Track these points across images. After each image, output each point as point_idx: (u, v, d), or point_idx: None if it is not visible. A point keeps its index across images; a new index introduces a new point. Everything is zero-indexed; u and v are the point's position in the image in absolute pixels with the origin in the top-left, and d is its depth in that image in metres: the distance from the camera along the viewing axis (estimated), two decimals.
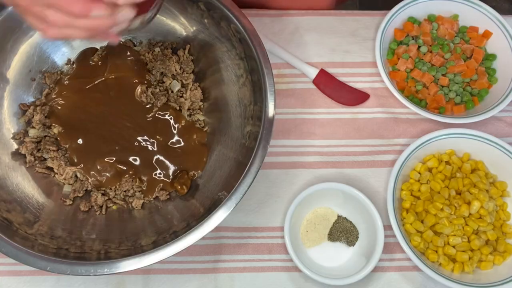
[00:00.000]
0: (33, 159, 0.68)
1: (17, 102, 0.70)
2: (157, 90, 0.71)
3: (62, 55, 0.73)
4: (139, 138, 0.70)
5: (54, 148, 0.69)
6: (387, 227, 0.66)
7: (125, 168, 0.68)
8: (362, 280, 0.64)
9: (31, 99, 0.71)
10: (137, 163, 0.69)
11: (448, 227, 0.65)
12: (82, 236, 0.64)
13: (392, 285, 0.67)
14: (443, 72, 0.76)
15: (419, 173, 0.70)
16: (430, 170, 0.70)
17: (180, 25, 0.74)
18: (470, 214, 0.66)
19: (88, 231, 0.64)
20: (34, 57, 0.70)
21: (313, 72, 0.77)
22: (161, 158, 0.69)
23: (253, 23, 0.66)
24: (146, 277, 0.66)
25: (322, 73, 0.77)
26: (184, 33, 0.74)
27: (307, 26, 0.80)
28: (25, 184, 0.67)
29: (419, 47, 0.78)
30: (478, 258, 0.65)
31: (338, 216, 0.70)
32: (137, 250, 0.59)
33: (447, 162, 0.70)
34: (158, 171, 0.69)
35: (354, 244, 0.68)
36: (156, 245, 0.58)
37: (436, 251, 0.66)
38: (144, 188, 0.69)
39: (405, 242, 0.64)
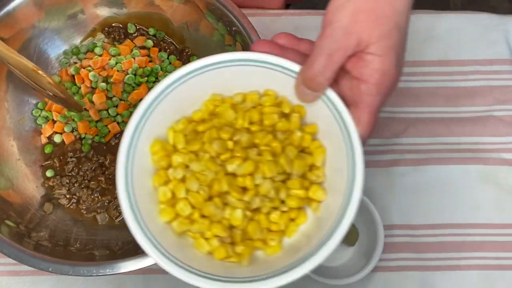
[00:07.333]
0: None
1: (18, 102, 0.70)
2: None
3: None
4: None
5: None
6: (387, 226, 0.66)
7: None
8: (362, 280, 0.64)
9: (32, 100, 0.71)
10: None
11: None
12: (83, 237, 0.64)
13: (392, 285, 0.67)
14: None
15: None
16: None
17: None
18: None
19: (90, 233, 0.65)
20: (34, 57, 0.70)
21: None
22: None
23: (253, 23, 0.65)
24: (147, 277, 0.66)
25: None
26: None
27: (307, 26, 0.79)
28: (25, 185, 0.67)
29: None
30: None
31: None
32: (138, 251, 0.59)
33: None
34: None
35: (354, 244, 0.68)
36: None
37: None
38: None
39: None
